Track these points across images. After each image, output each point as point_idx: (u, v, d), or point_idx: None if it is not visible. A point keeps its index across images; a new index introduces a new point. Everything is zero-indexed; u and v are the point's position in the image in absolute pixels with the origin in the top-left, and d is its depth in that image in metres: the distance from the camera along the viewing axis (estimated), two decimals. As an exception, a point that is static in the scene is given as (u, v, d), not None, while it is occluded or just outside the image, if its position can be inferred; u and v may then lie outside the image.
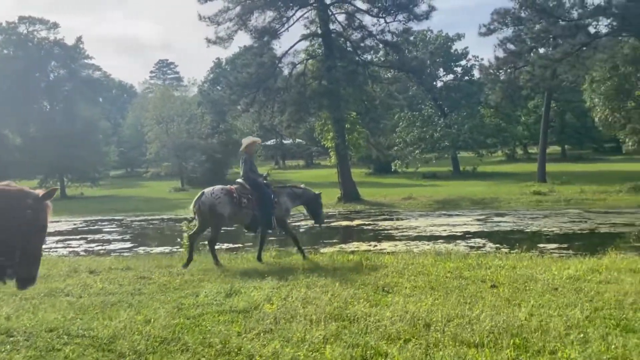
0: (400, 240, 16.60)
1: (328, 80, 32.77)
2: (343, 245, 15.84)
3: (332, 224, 22.64)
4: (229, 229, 15.07)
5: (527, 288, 7.77)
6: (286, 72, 34.80)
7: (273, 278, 9.07)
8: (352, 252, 14.03)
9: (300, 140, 79.48)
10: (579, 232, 17.39)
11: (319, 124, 36.44)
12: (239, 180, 11.16)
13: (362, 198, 34.34)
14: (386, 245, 15.47)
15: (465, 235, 17.22)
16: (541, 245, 14.97)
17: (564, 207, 25.74)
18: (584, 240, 15.43)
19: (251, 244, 17.34)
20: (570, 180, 37.89)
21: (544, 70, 33.82)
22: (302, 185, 11.91)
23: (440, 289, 7.88)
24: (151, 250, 16.40)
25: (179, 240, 14.77)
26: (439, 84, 60.71)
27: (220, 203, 10.64)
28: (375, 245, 15.56)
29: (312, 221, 12.45)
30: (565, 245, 14.82)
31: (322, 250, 15.05)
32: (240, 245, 16.87)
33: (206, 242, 11.43)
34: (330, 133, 34.70)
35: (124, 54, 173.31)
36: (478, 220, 21.84)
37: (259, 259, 11.19)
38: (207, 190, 10.90)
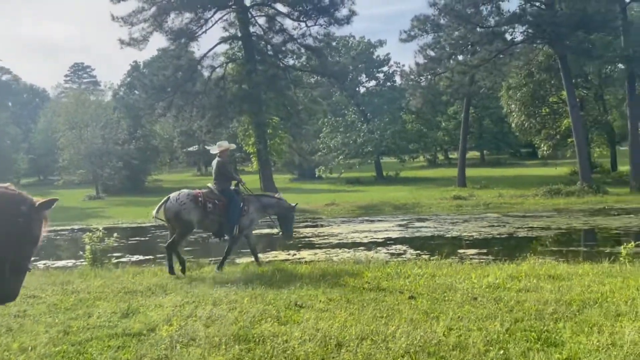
0: (320, 247, 16.09)
1: (248, 84, 32.08)
2: (261, 255, 15.11)
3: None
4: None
5: (446, 298, 7.36)
6: (205, 75, 33.79)
7: (179, 294, 8.34)
8: (269, 262, 13.44)
9: (223, 146, 78.11)
10: (498, 236, 17.44)
11: (241, 129, 35.65)
12: (209, 184, 10.87)
13: (285, 204, 33.69)
14: (306, 254, 14.91)
15: (386, 242, 16.90)
16: (461, 250, 14.82)
17: (483, 212, 26.04)
18: (503, 245, 15.40)
19: (163, 254, 16.44)
20: (489, 185, 38.68)
21: (463, 77, 34.40)
22: (278, 195, 11.61)
23: (356, 302, 7.36)
24: (52, 264, 15.17)
25: (81, 253, 13.71)
26: (362, 89, 61.13)
27: (186, 209, 10.22)
28: (295, 254, 14.97)
29: (279, 231, 11.84)
30: (485, 251, 14.70)
31: (237, 261, 14.32)
32: (151, 256, 15.92)
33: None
34: (251, 138, 33.99)
35: (38, 57, 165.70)
36: (400, 225, 21.67)
37: (220, 268, 10.77)
38: (173, 195, 10.45)
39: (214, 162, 11.00)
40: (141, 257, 15.77)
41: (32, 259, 4.62)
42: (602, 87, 44.49)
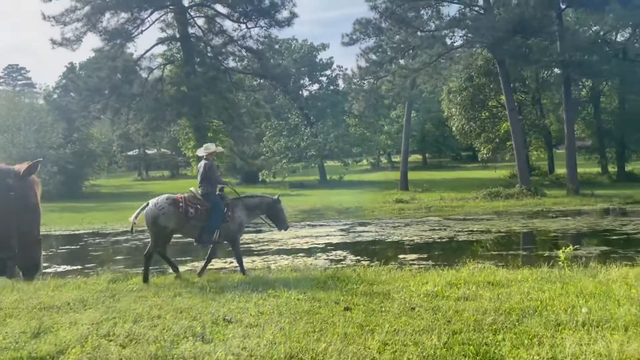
0: (259, 255, 15.57)
1: (187, 86, 31.27)
2: (196, 263, 14.49)
3: (188, 238, 21.17)
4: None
5: (383, 309, 7.01)
6: (143, 77, 32.74)
7: (98, 309, 7.73)
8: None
9: (165, 150, 76.46)
10: (439, 240, 17.27)
11: (182, 133, 34.75)
12: (191, 188, 10.54)
13: (226, 209, 32.98)
14: (244, 262, 14.33)
15: (327, 247, 16.52)
16: (402, 256, 14.56)
17: (424, 215, 26.02)
18: (444, 249, 15.19)
19: (92, 264, 15.62)
20: (431, 188, 38.91)
21: (404, 80, 34.49)
22: (259, 194, 11.45)
23: (289, 315, 6.93)
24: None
25: None
26: (305, 93, 60.84)
27: (165, 214, 9.90)
28: (231, 262, 14.39)
29: (275, 228, 11.57)
30: (425, 256, 14.49)
31: (171, 271, 13.68)
32: (79, 266, 15.09)
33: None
34: (191, 142, 33.13)
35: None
36: (341, 230, 21.35)
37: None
38: (152, 200, 10.12)
39: (200, 165, 10.67)
40: (68, 267, 14.89)
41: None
42: (539, 91, 45.53)
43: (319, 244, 17.44)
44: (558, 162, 45.93)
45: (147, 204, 10.09)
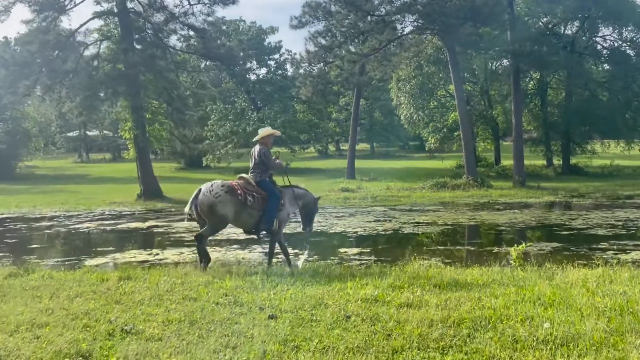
0: (190, 246, 14.30)
1: (124, 64, 29.42)
2: (117, 255, 13.19)
3: (119, 225, 19.77)
4: None
5: (314, 318, 5.98)
6: (77, 53, 30.66)
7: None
8: (125, 264, 11.62)
9: (107, 132, 73.59)
10: (383, 232, 16.34)
11: (118, 114, 32.91)
12: (244, 175, 9.98)
13: (165, 195, 31.46)
14: (170, 254, 13.10)
15: (262, 239, 15.38)
16: (343, 249, 13.53)
17: (370, 205, 25.20)
18: (388, 243, 14.12)
19: (3, 254, 14.12)
20: (378, 177, 38.20)
21: (353, 66, 33.53)
22: (303, 186, 10.78)
23: (202, 325, 5.83)
24: None
25: None
26: (253, 77, 59.23)
27: (221, 202, 9.29)
28: (157, 254, 13.15)
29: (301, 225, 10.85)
30: (368, 250, 13.51)
31: (88, 262, 12.37)
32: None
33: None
34: (128, 123, 31.32)
35: None
36: (283, 219, 20.27)
37: (269, 263, 10.17)
38: (205, 187, 9.46)
39: (254, 150, 10.00)
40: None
41: None
42: (488, 82, 45.37)
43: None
44: (504, 153, 45.96)
45: (199, 191, 9.43)
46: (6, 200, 29.50)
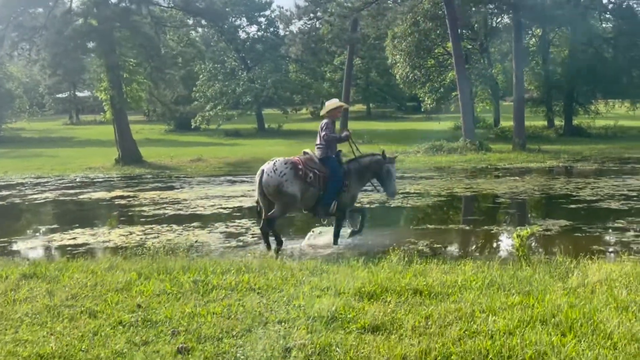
0: (147, 222, 12.59)
1: (97, 18, 27.33)
2: (57, 236, 11.44)
3: (82, 195, 18.04)
4: None
5: (241, 352, 4.31)
6: (48, 7, 28.51)
7: None
8: (57, 249, 9.97)
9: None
10: (367, 205, 14.46)
11: (92, 73, 30.90)
12: (307, 150, 9.34)
13: (145, 160, 29.71)
14: (118, 234, 11.36)
15: (233, 214, 13.69)
16: (318, 229, 11.77)
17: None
18: (370, 221, 12.05)
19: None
20: (372, 140, 36.31)
21: (344, 20, 31.38)
22: (369, 153, 9.94)
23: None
24: None
25: None
26: (242, 35, 56.77)
27: (288, 180, 8.72)
28: (103, 234, 11.44)
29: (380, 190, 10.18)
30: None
31: (16, 246, 10.69)
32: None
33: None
34: (103, 83, 29.33)
35: None
36: (262, 188, 18.55)
37: (335, 242, 9.47)
38: (267, 166, 8.88)
39: (321, 124, 9.35)
40: None
41: None
42: (488, 39, 43.15)
43: (226, 208, 14.57)
44: (504, 114, 44.03)
45: (262, 172, 8.87)
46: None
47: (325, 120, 9.31)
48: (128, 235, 11.15)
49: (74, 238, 11.00)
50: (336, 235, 9.49)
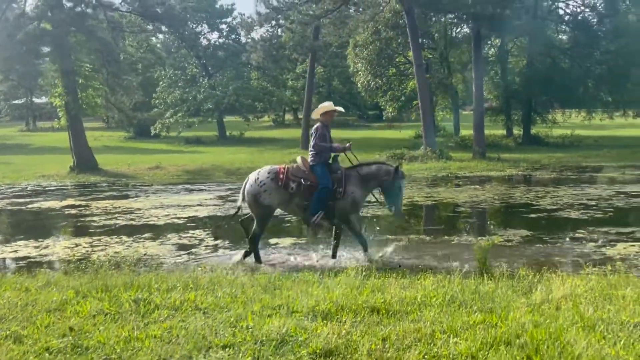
0: (95, 233, 12.03)
1: (51, 21, 26.50)
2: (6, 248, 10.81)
3: (32, 205, 17.27)
4: None
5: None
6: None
7: None
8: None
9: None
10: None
11: (46, 78, 29.96)
12: (300, 157, 9.09)
13: (101, 168, 28.91)
14: (63, 246, 10.78)
15: (187, 224, 13.18)
16: (274, 240, 11.27)
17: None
18: (328, 233, 11.77)
19: None
20: (333, 148, 36.13)
21: (305, 28, 31.12)
22: (376, 161, 9.74)
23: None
24: None
25: None
26: (204, 41, 56.07)
27: (267, 191, 8.58)
28: (47, 246, 10.82)
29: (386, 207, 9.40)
30: (303, 240, 11.36)
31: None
32: None
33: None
34: (58, 89, 28.46)
35: None
36: (220, 197, 18.04)
37: (334, 255, 9.01)
38: (252, 175, 8.85)
39: (312, 129, 9.14)
40: None
41: None
42: (448, 49, 43.46)
43: (181, 217, 14.06)
44: (463, 123, 44.35)
45: (247, 180, 8.76)
46: None
47: (317, 125, 9.01)
48: (74, 247, 10.58)
49: (16, 251, 10.38)
50: (362, 243, 9.11)
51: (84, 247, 10.62)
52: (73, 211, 15.88)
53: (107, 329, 4.89)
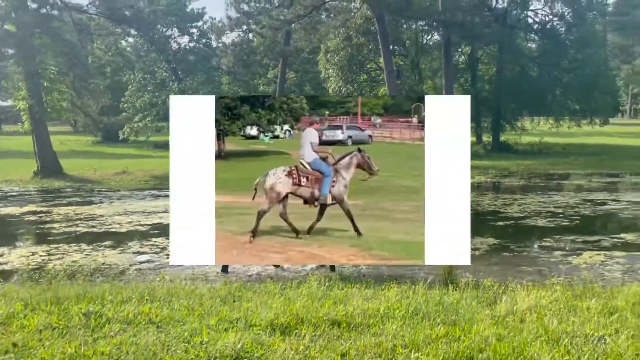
0: (54, 241, 11.64)
1: (15, 24, 25.90)
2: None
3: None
4: None
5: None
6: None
7: None
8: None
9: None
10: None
11: (8, 80, 29.28)
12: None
13: (66, 172, 28.29)
14: (19, 255, 10.37)
15: (150, 231, 12.87)
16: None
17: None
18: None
19: None
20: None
21: (276, 33, 30.96)
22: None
23: None
24: None
25: None
26: (174, 45, 55.44)
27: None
28: (2, 254, 10.43)
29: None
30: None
31: None
32: None
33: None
34: (22, 91, 27.79)
35: None
36: (187, 203, 17.72)
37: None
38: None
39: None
40: None
41: None
42: (419, 55, 43.65)
43: (144, 225, 13.73)
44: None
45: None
46: None
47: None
48: (30, 256, 10.21)
49: (-32, 260, 9.99)
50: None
51: (41, 255, 10.27)
52: (33, 218, 15.43)
53: (53, 344, 4.63)
